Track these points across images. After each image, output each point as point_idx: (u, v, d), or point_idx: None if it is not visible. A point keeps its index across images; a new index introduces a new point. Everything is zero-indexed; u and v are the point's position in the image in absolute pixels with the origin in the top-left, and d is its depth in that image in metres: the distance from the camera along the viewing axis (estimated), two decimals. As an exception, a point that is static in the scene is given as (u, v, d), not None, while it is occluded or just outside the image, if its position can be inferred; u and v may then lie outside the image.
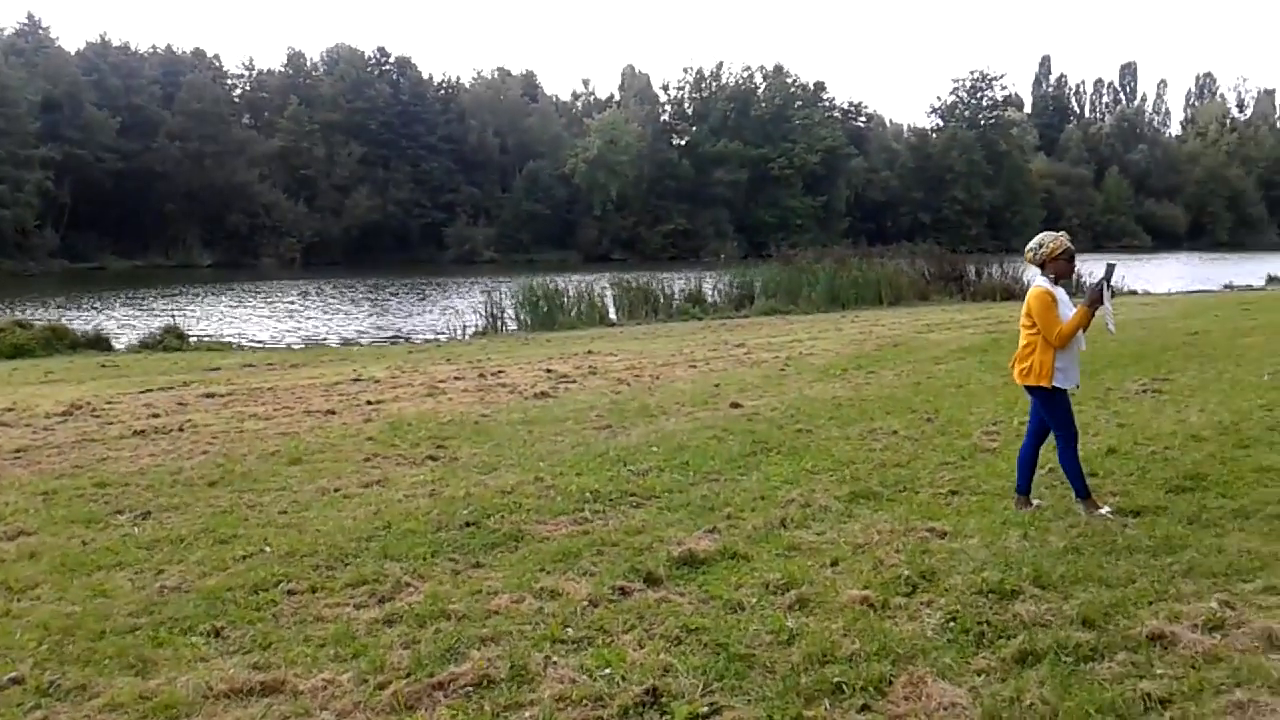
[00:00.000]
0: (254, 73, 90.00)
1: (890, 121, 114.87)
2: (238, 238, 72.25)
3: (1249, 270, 47.74)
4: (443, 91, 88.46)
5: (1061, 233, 6.57)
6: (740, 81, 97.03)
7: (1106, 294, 6.25)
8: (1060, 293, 6.41)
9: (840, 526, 6.26)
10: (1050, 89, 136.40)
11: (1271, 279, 41.93)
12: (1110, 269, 6.42)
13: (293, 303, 37.62)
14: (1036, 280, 6.51)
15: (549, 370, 14.59)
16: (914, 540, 5.86)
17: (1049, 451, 6.62)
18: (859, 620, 4.62)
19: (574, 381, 13.43)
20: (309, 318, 31.46)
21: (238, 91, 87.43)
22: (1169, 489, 6.77)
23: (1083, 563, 5.27)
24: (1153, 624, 4.39)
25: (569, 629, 4.68)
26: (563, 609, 4.92)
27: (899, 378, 12.94)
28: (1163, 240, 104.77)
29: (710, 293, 30.45)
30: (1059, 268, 6.40)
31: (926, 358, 14.99)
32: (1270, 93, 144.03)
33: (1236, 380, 11.43)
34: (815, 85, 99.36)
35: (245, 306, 35.64)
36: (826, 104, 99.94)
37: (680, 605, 4.94)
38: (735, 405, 11.00)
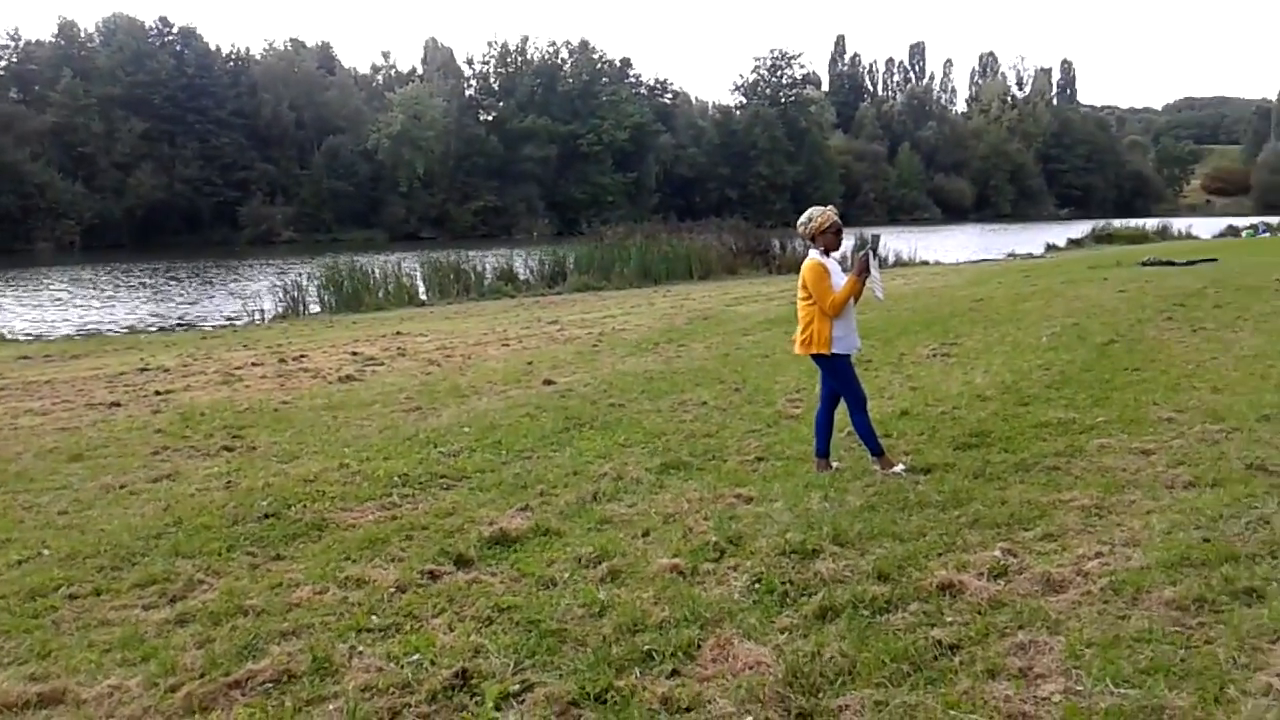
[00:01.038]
0: (20, 43, 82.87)
1: (696, 99, 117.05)
2: (8, 221, 66.39)
3: (1029, 239, 51.11)
4: (232, 64, 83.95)
5: (829, 206, 6.82)
6: (546, 57, 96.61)
7: (873, 263, 6.56)
8: (832, 264, 6.68)
9: (651, 497, 6.32)
10: (845, 68, 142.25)
11: (1050, 247, 45.01)
12: (875, 239, 6.79)
13: (65, 290, 34.46)
14: (810, 253, 6.73)
15: (355, 353, 14.15)
16: (722, 507, 5.98)
17: (847, 415, 6.88)
18: (669, 588, 4.67)
19: (381, 364, 13.07)
20: (80, 306, 28.84)
21: (2, 64, 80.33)
22: (957, 446, 7.16)
23: (878, 519, 5.50)
24: (942, 574, 4.62)
25: (375, 617, 4.53)
26: (369, 597, 4.77)
27: (709, 350, 13.20)
28: (952, 213, 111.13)
29: (523, 270, 30.23)
30: (828, 240, 6.65)
31: (735, 329, 15.35)
32: (1047, 71, 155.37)
33: (1018, 342, 12.20)
34: (622, 62, 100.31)
35: (3, 296, 32.55)
36: (633, 81, 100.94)
37: (492, 585, 4.87)
38: (548, 382, 10.95)
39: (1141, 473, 6.20)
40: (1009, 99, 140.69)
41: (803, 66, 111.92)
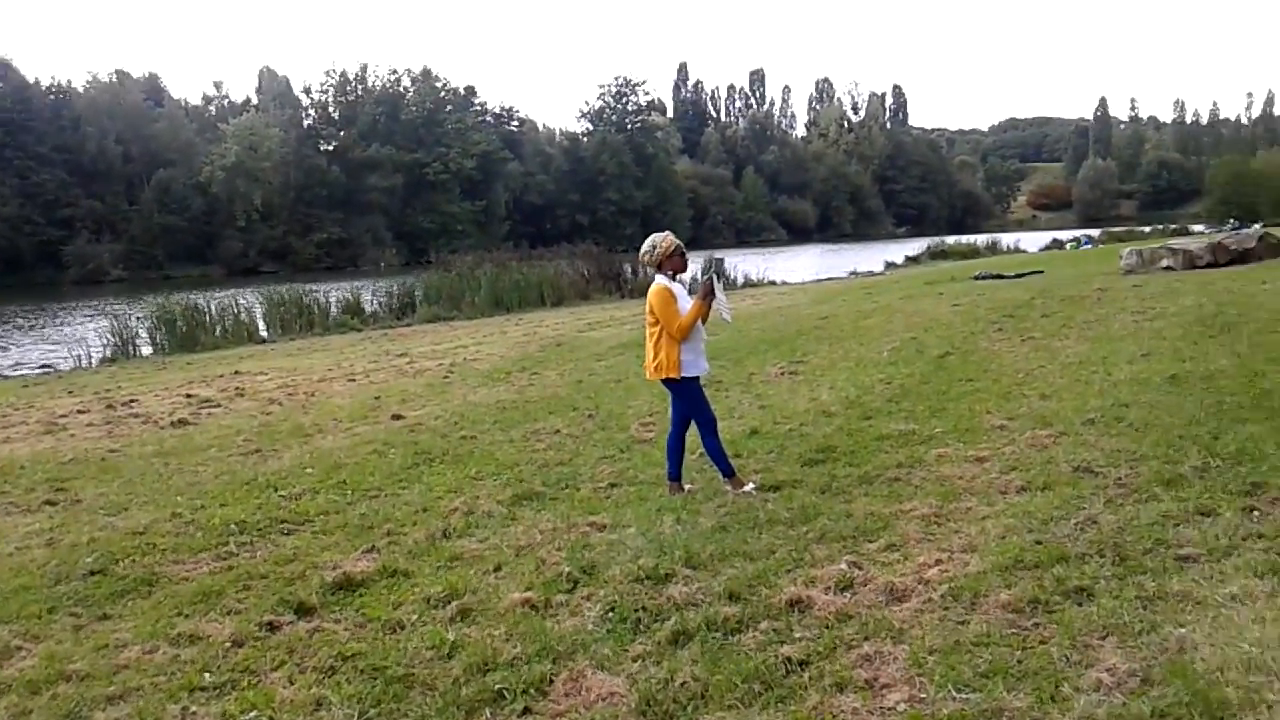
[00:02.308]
0: None
1: (544, 126, 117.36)
2: None
3: (870, 257, 52.95)
4: (53, 97, 79.45)
5: (668, 232, 6.92)
6: (388, 85, 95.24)
7: (717, 286, 6.68)
8: (678, 288, 6.75)
9: (503, 531, 6.21)
10: (689, 94, 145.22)
11: (890, 264, 46.67)
12: (719, 262, 6.90)
13: None
14: (656, 278, 6.78)
15: (189, 395, 13.49)
16: (576, 536, 5.92)
17: (698, 437, 6.92)
18: (521, 623, 4.58)
19: (218, 405, 12.50)
20: None
21: None
22: (804, 463, 7.30)
23: (729, 540, 5.54)
24: (791, 590, 4.67)
25: (209, 675, 4.28)
26: (202, 654, 4.51)
27: (562, 377, 13.14)
28: (796, 234, 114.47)
29: (370, 302, 29.50)
30: (674, 264, 6.74)
31: (588, 355, 15.34)
32: (880, 96, 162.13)
33: (861, 358, 12.57)
34: (466, 90, 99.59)
35: None
36: (479, 109, 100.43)
37: (335, 633, 4.68)
38: (397, 417, 10.68)
39: (977, 480, 6.44)
40: (845, 123, 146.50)
41: (647, 93, 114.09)
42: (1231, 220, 52.82)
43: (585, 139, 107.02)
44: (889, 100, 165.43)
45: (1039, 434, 7.55)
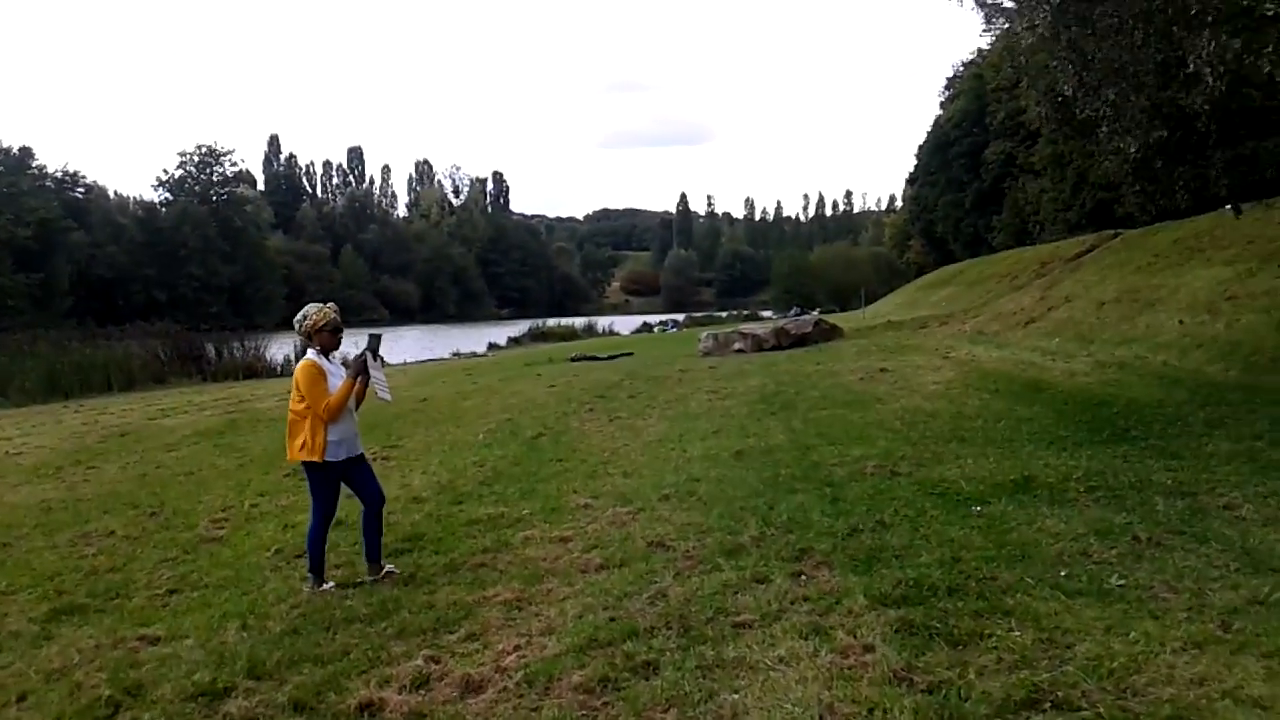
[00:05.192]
0: None
1: (115, 193, 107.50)
2: None
3: (473, 339, 53.49)
4: None
5: (329, 304, 6.51)
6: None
7: (373, 365, 6.33)
8: (329, 365, 6.35)
9: (33, 653, 5.39)
10: (282, 168, 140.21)
11: (492, 345, 47.52)
12: (375, 339, 6.52)
13: None
14: (307, 354, 6.37)
15: None
16: (122, 653, 5.26)
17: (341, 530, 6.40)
18: (41, 766, 3.94)
19: None
20: None
21: None
22: (389, 553, 7.01)
23: (301, 643, 5.17)
24: (363, 693, 4.42)
25: None
26: None
27: (124, 470, 11.85)
28: (399, 313, 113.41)
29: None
30: (324, 340, 6.35)
31: (158, 445, 13.98)
32: (481, 181, 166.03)
33: (456, 441, 12.49)
34: (21, 150, 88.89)
35: None
36: (36, 172, 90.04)
37: None
38: (-93, 525, 9.05)
39: (560, 560, 6.54)
40: (447, 205, 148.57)
41: (234, 164, 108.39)
42: (796, 307, 59.40)
43: (164, 209, 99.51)
44: (490, 185, 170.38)
45: (619, 511, 7.84)
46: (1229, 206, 18.72)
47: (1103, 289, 24.09)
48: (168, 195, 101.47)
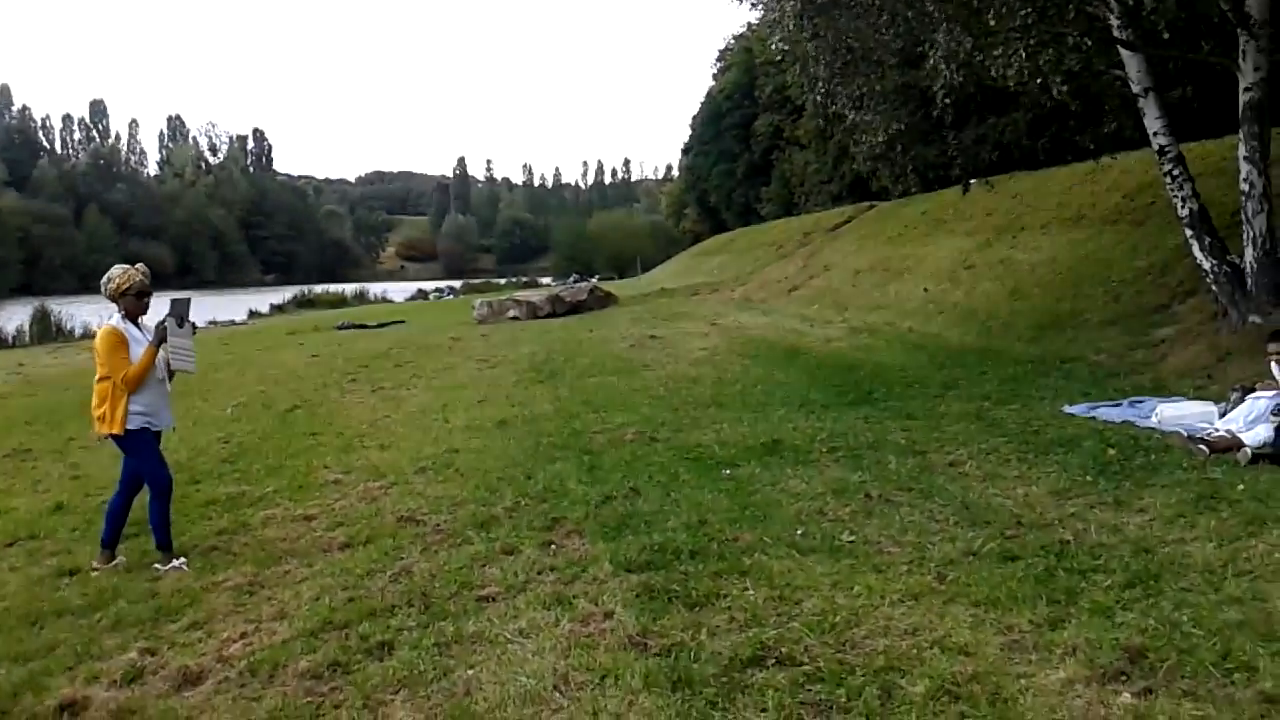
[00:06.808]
0: None
1: None
2: None
3: (234, 306, 50.34)
4: None
5: (138, 265, 6.17)
6: None
7: (177, 331, 5.97)
8: (133, 331, 5.93)
9: None
10: (14, 120, 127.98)
11: (253, 313, 45.04)
12: (184, 304, 6.10)
13: None
14: (111, 318, 5.95)
15: None
16: None
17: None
18: None
19: None
20: None
21: None
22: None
23: (1, 640, 4.70)
24: (66, 691, 4.06)
25: None
26: None
27: None
28: (154, 280, 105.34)
29: None
30: (129, 305, 5.98)
31: None
32: (241, 139, 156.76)
33: (201, 416, 11.73)
34: None
35: None
36: None
37: None
38: None
39: (301, 540, 6.24)
40: (204, 164, 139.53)
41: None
42: (575, 274, 59.60)
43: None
44: (250, 144, 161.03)
45: (371, 486, 7.58)
46: (960, 185, 20.19)
47: (858, 258, 25.49)
48: None
